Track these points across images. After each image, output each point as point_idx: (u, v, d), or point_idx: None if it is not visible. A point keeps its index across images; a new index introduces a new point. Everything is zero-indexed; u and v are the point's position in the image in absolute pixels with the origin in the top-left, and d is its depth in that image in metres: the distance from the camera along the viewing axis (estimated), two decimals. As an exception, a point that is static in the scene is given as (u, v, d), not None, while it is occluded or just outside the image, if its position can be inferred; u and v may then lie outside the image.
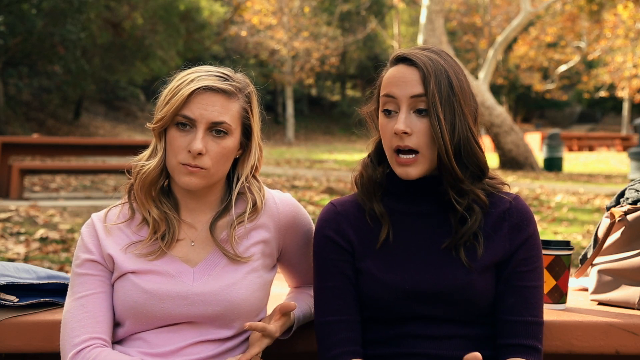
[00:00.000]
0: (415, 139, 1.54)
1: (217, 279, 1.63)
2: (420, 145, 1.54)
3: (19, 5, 18.64)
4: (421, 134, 1.54)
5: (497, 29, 30.62)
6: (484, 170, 1.59)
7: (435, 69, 1.54)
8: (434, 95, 1.52)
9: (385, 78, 1.59)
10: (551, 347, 1.77)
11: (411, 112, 1.55)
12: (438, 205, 1.61)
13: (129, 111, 30.80)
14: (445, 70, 1.55)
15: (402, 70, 1.56)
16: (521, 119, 45.55)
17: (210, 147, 1.59)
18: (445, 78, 1.54)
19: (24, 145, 10.08)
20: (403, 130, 1.53)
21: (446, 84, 1.54)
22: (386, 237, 1.61)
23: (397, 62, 1.59)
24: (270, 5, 30.30)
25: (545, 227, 7.59)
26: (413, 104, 1.54)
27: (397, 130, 1.53)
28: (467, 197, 1.57)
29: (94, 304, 1.61)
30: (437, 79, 1.53)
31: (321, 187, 10.77)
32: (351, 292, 1.62)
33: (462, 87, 1.56)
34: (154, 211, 1.64)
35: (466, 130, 1.55)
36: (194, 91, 1.59)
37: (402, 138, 1.54)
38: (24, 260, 5.42)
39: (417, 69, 1.55)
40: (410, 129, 1.53)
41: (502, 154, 16.28)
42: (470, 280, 1.56)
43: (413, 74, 1.55)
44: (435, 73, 1.53)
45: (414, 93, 1.54)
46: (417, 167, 1.55)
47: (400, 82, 1.55)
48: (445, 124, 1.52)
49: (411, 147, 1.54)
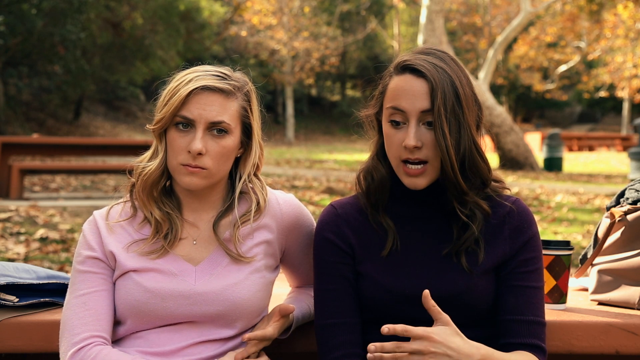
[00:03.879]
0: (425, 150, 1.53)
1: (220, 278, 1.63)
2: (429, 156, 1.54)
3: (19, 5, 18.64)
4: (430, 145, 1.53)
5: (497, 29, 30.63)
6: (487, 180, 1.59)
7: (442, 80, 1.51)
8: (440, 110, 1.50)
9: (392, 89, 1.56)
10: (551, 347, 1.76)
11: (420, 125, 1.53)
12: (440, 211, 1.61)
13: (129, 111, 30.79)
14: (450, 80, 1.52)
15: (410, 83, 1.53)
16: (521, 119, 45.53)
17: (210, 147, 1.59)
18: (451, 89, 1.52)
19: (24, 145, 10.08)
20: (414, 146, 1.52)
21: (452, 95, 1.51)
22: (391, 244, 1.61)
23: (404, 70, 1.56)
24: (270, 5, 30.29)
25: (545, 227, 7.59)
26: (422, 118, 1.53)
27: (409, 146, 1.52)
28: (470, 206, 1.57)
29: (95, 301, 1.61)
30: (443, 92, 1.51)
31: (321, 187, 10.77)
32: (351, 294, 1.62)
33: (466, 94, 1.55)
34: (156, 212, 1.64)
35: (470, 142, 1.53)
36: (191, 91, 1.59)
37: (413, 152, 1.53)
38: (24, 260, 5.42)
39: (426, 81, 1.52)
40: (420, 142, 1.53)
41: (502, 154, 16.27)
42: (471, 285, 1.56)
43: (422, 87, 1.52)
44: (442, 85, 1.51)
45: (424, 108, 1.51)
46: (426, 177, 1.55)
47: (409, 96, 1.53)
48: (451, 139, 1.51)
49: (421, 159, 1.54)
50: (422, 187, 1.56)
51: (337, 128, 37.60)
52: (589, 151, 26.03)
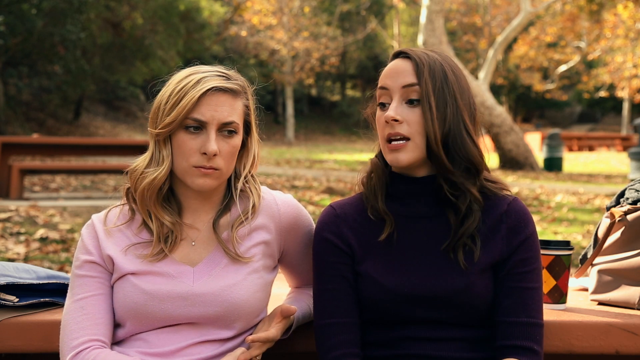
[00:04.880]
0: (407, 126, 1.55)
1: (218, 279, 1.62)
2: (411, 133, 1.55)
3: (19, 5, 18.64)
4: (412, 122, 1.55)
5: (497, 29, 30.63)
6: (478, 168, 1.58)
7: (430, 61, 1.56)
8: (427, 84, 1.54)
9: (382, 73, 1.63)
10: (551, 347, 1.76)
11: (403, 103, 1.57)
12: (437, 207, 1.61)
13: (129, 111, 30.79)
14: (440, 64, 1.57)
15: (397, 63, 1.60)
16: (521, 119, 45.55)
17: (221, 148, 1.59)
18: (440, 71, 1.56)
19: (24, 145, 10.07)
20: (393, 117, 1.55)
21: (441, 76, 1.56)
22: (388, 237, 1.61)
23: (394, 58, 1.63)
24: (270, 5, 30.29)
25: (545, 227, 7.59)
26: (405, 94, 1.56)
27: (387, 118, 1.55)
28: (464, 194, 1.57)
29: (93, 305, 1.61)
30: (431, 70, 1.56)
31: (321, 187, 10.77)
32: (350, 294, 1.62)
33: (459, 82, 1.58)
34: (167, 219, 1.62)
35: (458, 123, 1.55)
36: (203, 93, 1.57)
37: (393, 125, 1.55)
38: (24, 260, 5.42)
39: (411, 61, 1.58)
40: (400, 116, 1.55)
41: (502, 154, 16.27)
42: (468, 284, 1.56)
43: (407, 65, 1.58)
44: (429, 65, 1.56)
45: (406, 83, 1.56)
46: (407, 152, 1.56)
47: (394, 74, 1.58)
48: (437, 112, 1.54)
49: (402, 134, 1.55)
50: (404, 163, 1.56)
51: (337, 128, 37.59)
52: (589, 151, 26.03)
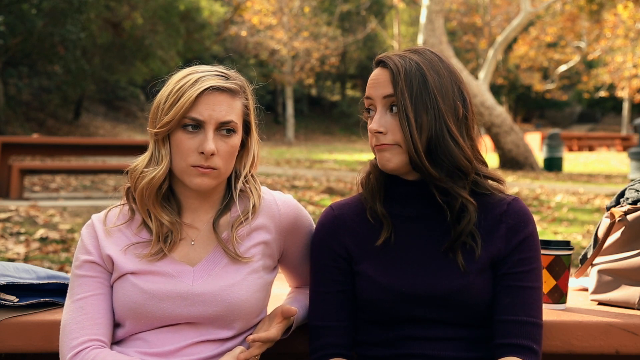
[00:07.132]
0: (391, 136, 1.57)
1: (217, 279, 1.62)
2: (396, 141, 1.57)
3: (19, 5, 18.64)
4: (396, 131, 1.57)
5: (497, 29, 30.64)
6: (465, 171, 1.57)
7: (406, 68, 1.57)
8: (403, 94, 1.55)
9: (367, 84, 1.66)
10: (551, 347, 1.77)
11: (387, 112, 1.59)
12: (434, 207, 1.61)
13: (129, 111, 30.79)
14: (418, 69, 1.57)
15: (377, 73, 1.62)
16: (521, 119, 45.56)
17: (219, 147, 1.59)
18: (417, 76, 1.56)
19: (24, 145, 10.07)
20: (376, 130, 1.58)
21: (419, 82, 1.56)
22: (386, 238, 1.62)
23: (376, 66, 1.65)
24: (270, 5, 30.29)
25: (545, 227, 7.59)
26: (386, 104, 1.59)
27: (371, 130, 1.59)
28: (455, 198, 1.57)
29: (92, 305, 1.61)
30: (407, 77, 1.56)
31: (321, 187, 10.77)
32: (341, 299, 1.65)
33: (441, 84, 1.57)
34: (165, 218, 1.63)
35: (441, 128, 1.55)
36: (201, 92, 1.58)
37: (377, 137, 1.58)
38: (24, 260, 5.42)
39: (388, 70, 1.59)
40: (384, 128, 1.57)
41: (502, 154, 16.27)
42: (467, 284, 1.56)
43: (384, 75, 1.59)
44: (405, 71, 1.56)
45: (385, 93, 1.58)
46: (394, 157, 1.57)
47: (374, 84, 1.61)
48: (415, 122, 1.54)
49: (387, 144, 1.57)
50: (391, 168, 1.58)
51: (337, 128, 37.60)
52: (589, 151, 26.03)
